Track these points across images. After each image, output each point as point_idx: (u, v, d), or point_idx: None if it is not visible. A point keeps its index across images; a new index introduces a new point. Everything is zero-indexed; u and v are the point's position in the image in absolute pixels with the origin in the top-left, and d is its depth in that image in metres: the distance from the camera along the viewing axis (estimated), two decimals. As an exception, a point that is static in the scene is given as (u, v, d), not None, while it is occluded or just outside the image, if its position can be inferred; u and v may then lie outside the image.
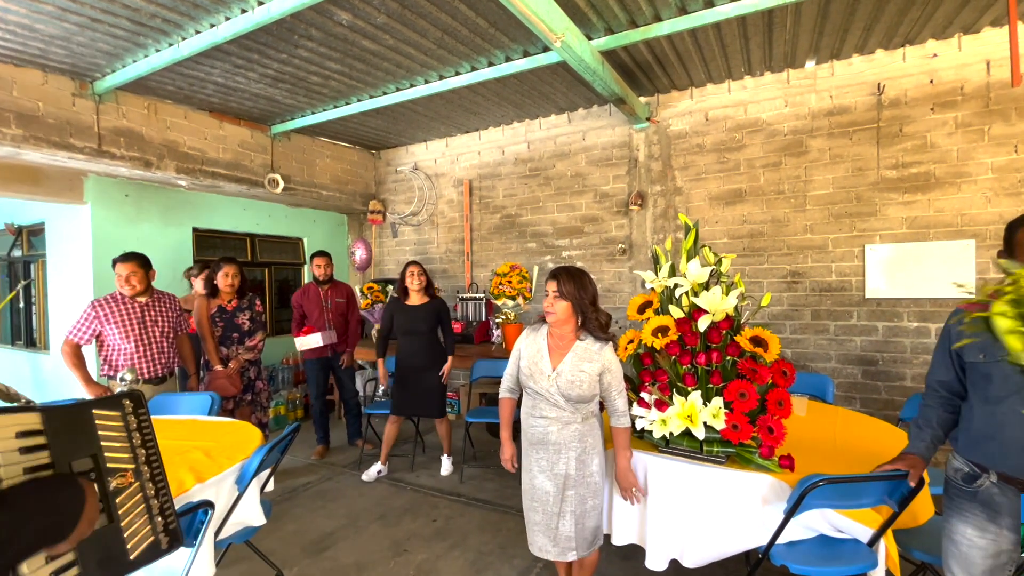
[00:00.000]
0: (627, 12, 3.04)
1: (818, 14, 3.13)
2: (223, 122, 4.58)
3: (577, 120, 4.89)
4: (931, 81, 3.57)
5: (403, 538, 2.94)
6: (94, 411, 0.88)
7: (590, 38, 3.28)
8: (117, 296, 3.01)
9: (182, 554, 1.61)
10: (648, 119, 4.47)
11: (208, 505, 1.58)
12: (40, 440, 0.78)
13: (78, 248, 4.33)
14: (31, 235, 5.12)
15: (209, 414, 2.83)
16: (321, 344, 4.12)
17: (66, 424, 0.82)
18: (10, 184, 3.84)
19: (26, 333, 5.45)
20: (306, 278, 6.14)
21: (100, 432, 0.87)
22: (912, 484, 1.58)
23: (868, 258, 3.76)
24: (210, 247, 5.16)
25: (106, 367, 2.99)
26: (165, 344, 3.14)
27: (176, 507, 1.54)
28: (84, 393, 2.89)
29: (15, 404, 0.81)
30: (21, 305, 5.47)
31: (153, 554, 0.87)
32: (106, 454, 0.86)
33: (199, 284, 3.90)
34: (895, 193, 3.69)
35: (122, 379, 2.66)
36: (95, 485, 0.82)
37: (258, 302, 3.79)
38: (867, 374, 3.82)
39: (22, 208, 4.90)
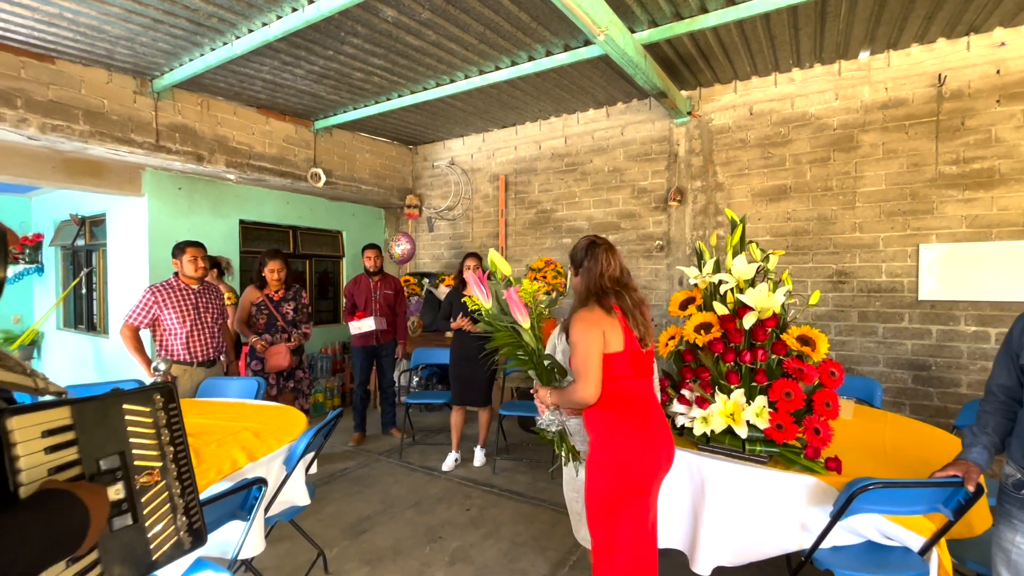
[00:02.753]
0: (672, 4, 2.98)
1: (875, 2, 2.99)
2: (269, 118, 4.74)
3: (616, 114, 4.84)
4: (998, 71, 3.36)
5: (437, 525, 3.00)
6: (125, 406, 0.85)
7: (633, 31, 3.23)
8: (172, 283, 3.18)
9: (236, 528, 1.70)
10: (689, 113, 4.38)
11: (262, 482, 1.65)
12: (69, 436, 0.76)
13: (135, 238, 4.57)
14: (93, 225, 5.43)
15: (255, 398, 2.98)
16: (374, 328, 4.31)
17: (96, 419, 0.80)
18: (77, 177, 4.09)
19: (87, 318, 5.80)
20: (344, 270, 6.31)
21: (129, 428, 0.84)
22: (970, 489, 1.52)
23: (923, 258, 3.59)
24: (255, 238, 5.36)
25: (162, 351, 3.15)
26: (216, 329, 3.31)
27: (231, 484, 1.63)
28: (145, 377, 3.06)
29: (44, 399, 0.79)
30: (84, 291, 5.83)
31: (175, 553, 0.86)
32: (134, 451, 0.84)
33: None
34: (954, 190, 3.50)
35: (156, 369, 2.60)
36: (112, 487, 0.79)
37: (304, 294, 3.96)
38: (918, 379, 3.65)
39: (85, 200, 5.21)
